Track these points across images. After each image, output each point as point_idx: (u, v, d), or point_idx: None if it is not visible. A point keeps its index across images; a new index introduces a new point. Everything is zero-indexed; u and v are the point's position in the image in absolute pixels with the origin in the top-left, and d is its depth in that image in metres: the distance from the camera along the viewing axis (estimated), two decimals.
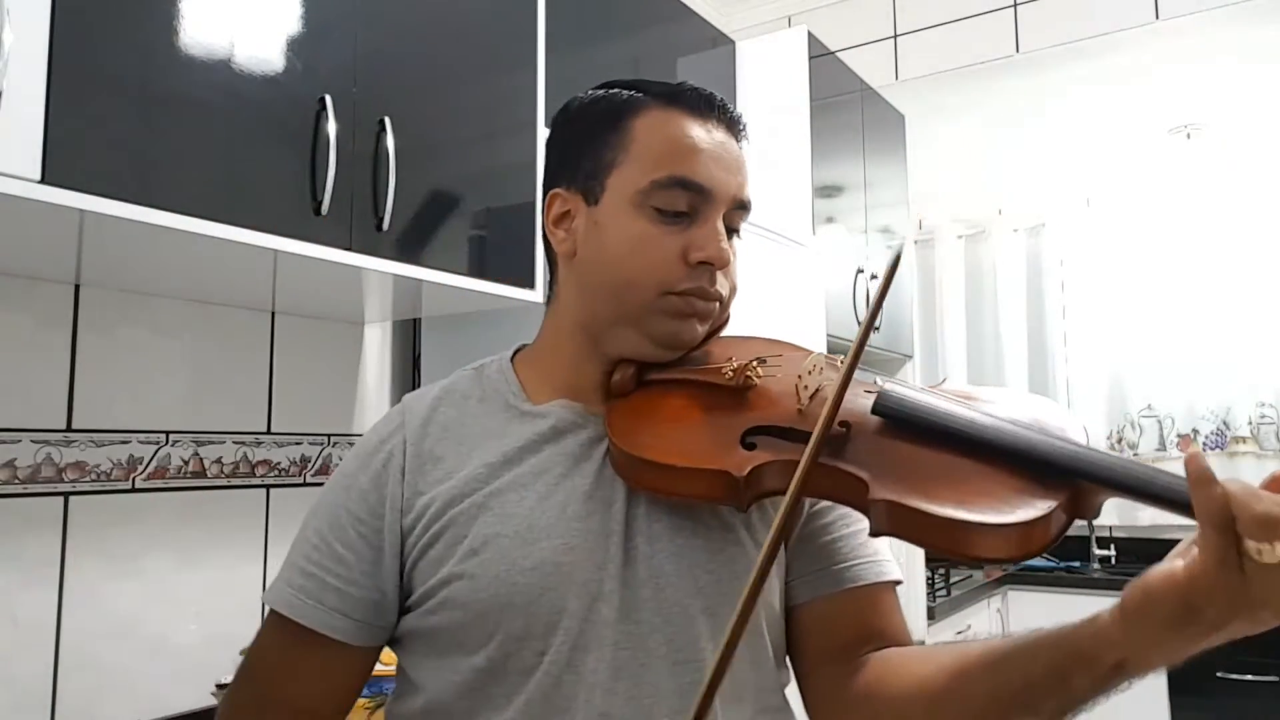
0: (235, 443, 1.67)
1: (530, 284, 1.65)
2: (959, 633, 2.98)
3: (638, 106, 0.83)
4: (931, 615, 2.80)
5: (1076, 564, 3.60)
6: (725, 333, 0.89)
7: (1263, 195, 3.54)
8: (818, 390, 0.77)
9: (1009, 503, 0.65)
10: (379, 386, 1.94)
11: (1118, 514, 3.69)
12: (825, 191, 2.55)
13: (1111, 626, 0.60)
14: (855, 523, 0.83)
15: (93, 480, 1.47)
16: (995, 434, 0.68)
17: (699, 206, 0.80)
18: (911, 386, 0.78)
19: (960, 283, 4.11)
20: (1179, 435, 3.65)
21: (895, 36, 3.00)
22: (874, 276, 2.77)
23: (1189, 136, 3.38)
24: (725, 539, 0.80)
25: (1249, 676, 3.01)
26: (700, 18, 2.45)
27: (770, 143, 2.50)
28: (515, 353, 0.92)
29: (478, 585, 0.76)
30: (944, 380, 0.86)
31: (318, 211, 1.31)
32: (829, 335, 2.33)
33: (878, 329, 2.69)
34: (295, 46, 1.31)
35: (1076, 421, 0.73)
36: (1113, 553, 3.62)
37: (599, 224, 0.82)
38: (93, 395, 1.48)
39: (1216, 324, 3.57)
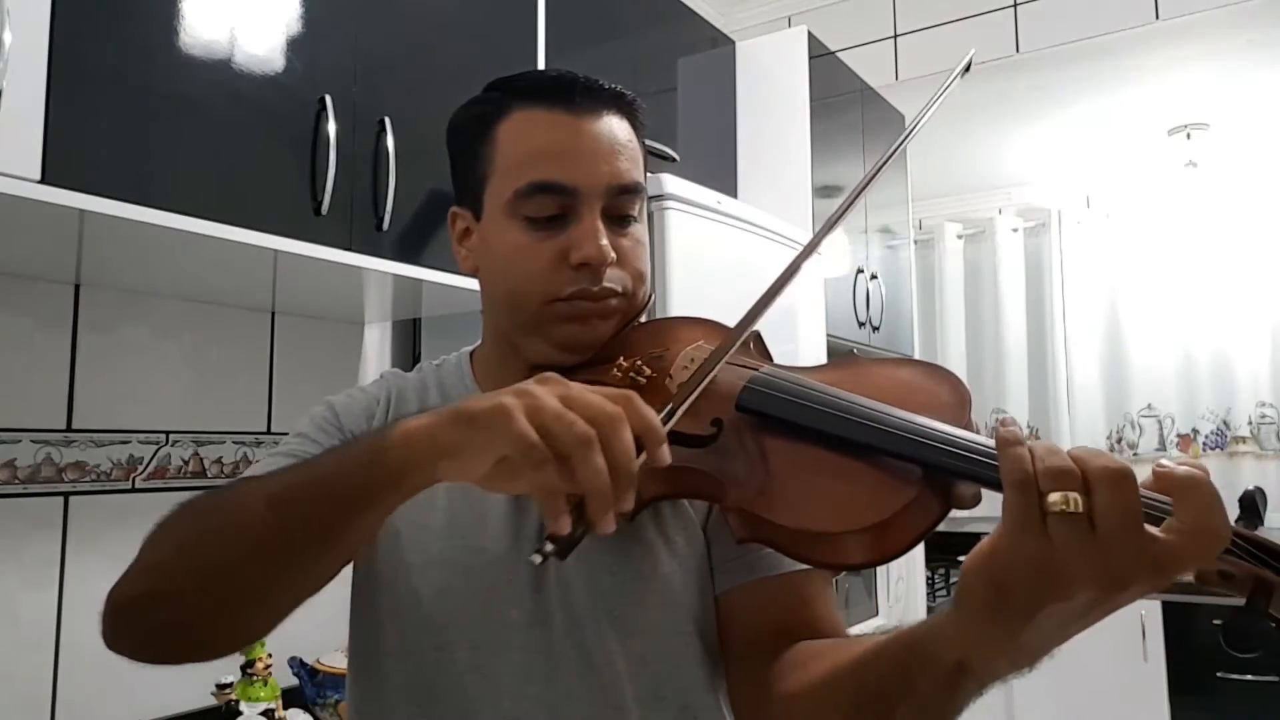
0: (235, 443, 1.67)
1: None
2: None
3: (499, 112, 0.81)
4: (931, 614, 2.80)
5: None
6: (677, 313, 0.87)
7: (1263, 195, 3.54)
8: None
9: (859, 504, 0.61)
10: None
11: None
12: (825, 191, 2.55)
13: (946, 619, 0.56)
14: None
15: (93, 480, 1.47)
16: (854, 429, 0.64)
17: (571, 205, 0.78)
18: (790, 370, 0.74)
19: (960, 283, 4.11)
20: (1179, 435, 3.65)
21: (895, 36, 3.00)
22: (874, 276, 2.77)
23: (1189, 136, 3.38)
24: (631, 540, 0.77)
25: (1249, 676, 3.01)
26: (700, 18, 2.45)
27: (770, 143, 2.50)
28: (473, 351, 0.93)
29: (395, 569, 0.78)
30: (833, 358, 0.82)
31: (318, 211, 1.31)
32: (829, 335, 2.33)
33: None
34: (295, 46, 1.31)
35: (958, 396, 0.68)
36: None
37: (484, 240, 0.83)
38: (93, 395, 1.48)
39: (1217, 324, 3.57)
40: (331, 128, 1.32)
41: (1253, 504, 0.56)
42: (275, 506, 0.61)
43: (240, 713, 1.47)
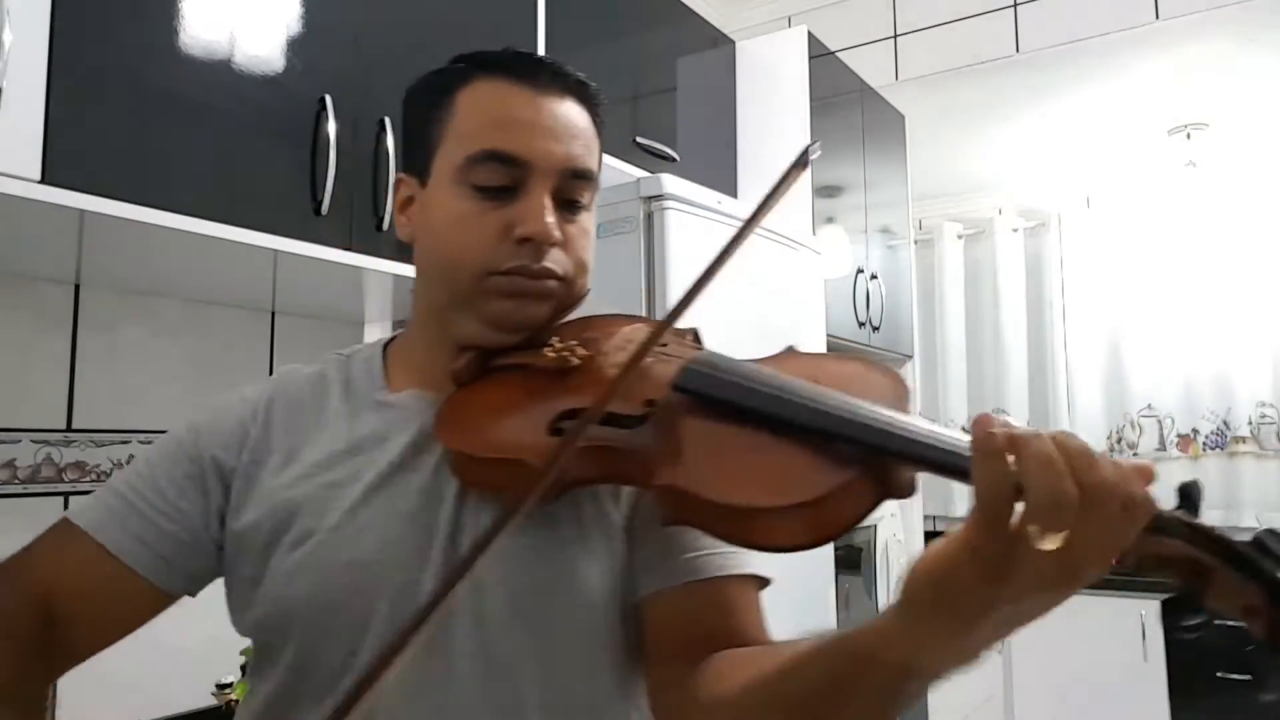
0: None
1: None
2: None
3: (461, 80, 0.79)
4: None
5: None
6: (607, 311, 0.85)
7: (1263, 195, 3.54)
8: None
9: (792, 482, 0.59)
10: None
11: None
12: (825, 191, 2.55)
13: (891, 620, 0.53)
14: None
15: (93, 480, 1.47)
16: (793, 410, 0.63)
17: (521, 180, 0.76)
18: (727, 358, 0.73)
19: (960, 283, 4.12)
20: (1179, 435, 3.65)
21: (895, 36, 3.00)
22: (874, 276, 2.77)
23: (1189, 136, 3.38)
24: (549, 538, 0.74)
25: (1249, 676, 3.01)
26: (700, 18, 2.45)
27: (770, 143, 2.50)
28: (391, 340, 0.89)
29: (294, 581, 0.73)
30: (789, 348, 0.82)
31: (318, 211, 1.31)
32: (829, 335, 2.33)
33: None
34: (295, 46, 1.31)
35: (897, 388, 0.67)
36: None
37: (427, 206, 0.80)
38: (93, 395, 1.48)
39: (1217, 324, 3.57)
40: (331, 128, 1.32)
41: (1191, 497, 0.53)
42: None
43: None
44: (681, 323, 0.75)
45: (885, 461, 0.58)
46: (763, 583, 0.77)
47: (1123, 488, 0.47)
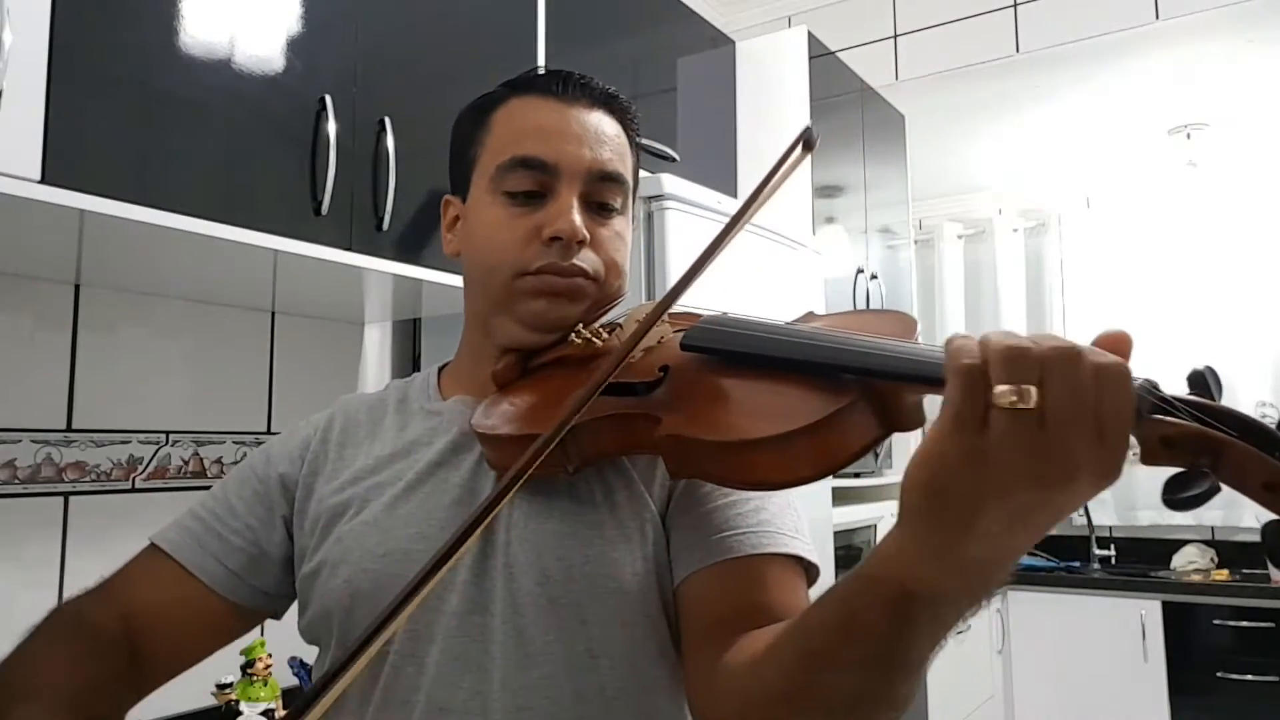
0: (235, 443, 1.67)
1: None
2: (958, 633, 2.98)
3: (498, 101, 0.85)
4: None
5: (1076, 564, 3.60)
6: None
7: (1262, 195, 3.54)
8: (656, 343, 0.75)
9: (787, 411, 0.59)
10: (379, 386, 1.94)
11: (1117, 514, 3.69)
12: (825, 191, 2.55)
13: (887, 536, 0.52)
14: (734, 491, 0.75)
15: (93, 480, 1.47)
16: (790, 348, 0.64)
17: (550, 184, 0.80)
18: (739, 317, 0.74)
19: (960, 283, 4.11)
20: None
21: (895, 36, 3.00)
22: (874, 276, 2.77)
23: (1189, 136, 3.38)
24: (580, 523, 0.75)
25: (1249, 676, 3.02)
26: (700, 18, 2.45)
27: (770, 143, 2.50)
28: (444, 365, 0.95)
29: (335, 573, 0.76)
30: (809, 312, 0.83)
31: (318, 211, 1.31)
32: None
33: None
34: (295, 46, 1.31)
35: (904, 324, 0.67)
36: (1112, 553, 3.62)
37: (466, 219, 0.85)
38: (93, 395, 1.48)
39: (1217, 324, 3.57)
40: (331, 128, 1.32)
41: (1202, 381, 0.53)
42: None
43: (240, 713, 1.47)
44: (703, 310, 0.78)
45: (878, 385, 0.58)
46: (810, 572, 0.76)
47: (1088, 350, 0.46)
